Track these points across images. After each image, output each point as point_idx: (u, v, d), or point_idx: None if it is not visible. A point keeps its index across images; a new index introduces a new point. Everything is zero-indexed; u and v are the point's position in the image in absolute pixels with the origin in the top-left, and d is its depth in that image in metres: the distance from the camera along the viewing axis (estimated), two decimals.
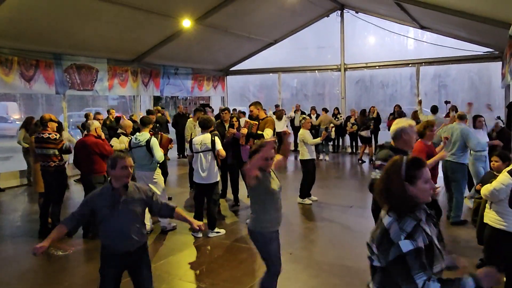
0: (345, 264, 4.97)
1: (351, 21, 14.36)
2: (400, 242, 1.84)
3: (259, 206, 3.55)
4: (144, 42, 11.96)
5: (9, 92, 10.98)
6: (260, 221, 3.54)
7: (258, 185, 3.44)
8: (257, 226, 3.55)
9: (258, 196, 3.55)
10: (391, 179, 2.00)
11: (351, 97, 15.11)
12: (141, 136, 6.15)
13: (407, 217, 1.91)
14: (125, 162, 3.15)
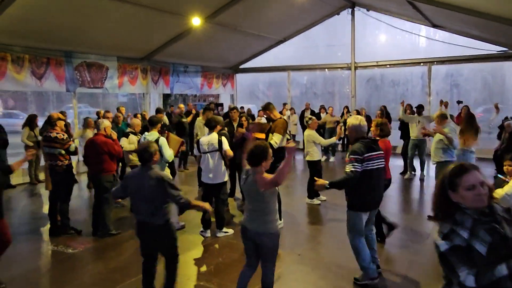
0: (353, 266, 4.93)
1: (362, 19, 14.26)
2: (438, 242, 2.05)
3: (272, 209, 3.60)
4: (154, 40, 12.01)
5: (21, 90, 11.08)
6: (274, 221, 3.61)
7: (274, 190, 3.55)
8: (272, 227, 3.58)
9: (274, 199, 3.60)
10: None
11: (362, 95, 15.03)
12: (150, 135, 6.17)
13: (446, 221, 2.10)
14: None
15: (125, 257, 5.32)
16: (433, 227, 6.25)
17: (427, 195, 8.53)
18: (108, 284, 4.48)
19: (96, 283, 4.56)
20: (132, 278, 4.64)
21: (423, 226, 6.60)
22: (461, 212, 2.08)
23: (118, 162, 7.56)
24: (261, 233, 3.56)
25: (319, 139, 7.33)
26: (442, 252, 2.02)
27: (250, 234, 3.63)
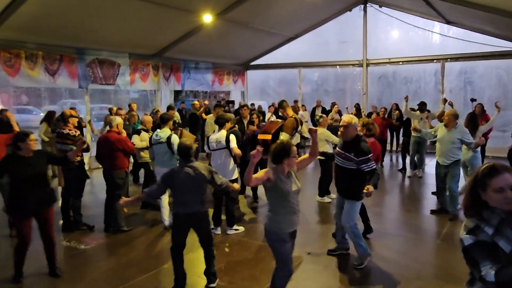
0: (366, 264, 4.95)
1: (374, 15, 14.11)
2: (462, 237, 2.07)
3: (273, 207, 3.62)
4: (165, 37, 12.04)
5: (34, 86, 11.21)
6: (274, 221, 3.60)
7: (272, 186, 3.52)
8: (271, 226, 3.61)
9: (272, 197, 3.61)
10: (468, 183, 2.20)
11: (373, 93, 14.90)
12: (162, 132, 6.20)
13: (473, 217, 2.10)
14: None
15: (136, 253, 5.36)
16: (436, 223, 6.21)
17: (426, 192, 8.55)
18: (120, 281, 4.51)
19: (108, 280, 4.59)
20: (144, 274, 4.68)
21: (422, 222, 6.65)
22: (490, 210, 2.08)
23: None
24: (266, 229, 3.69)
25: (332, 137, 7.25)
26: (466, 247, 2.04)
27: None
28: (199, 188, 4.13)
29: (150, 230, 6.22)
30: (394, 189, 9.14)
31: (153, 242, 5.77)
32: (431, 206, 7.36)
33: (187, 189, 4.09)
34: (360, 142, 4.55)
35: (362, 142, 4.57)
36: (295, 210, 3.63)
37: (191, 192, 4.10)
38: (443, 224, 6.35)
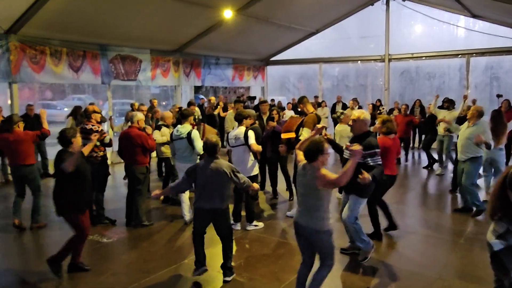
0: (383, 261, 4.89)
1: (397, 9, 13.86)
2: (491, 242, 2.05)
3: (326, 205, 3.58)
4: (186, 33, 12.10)
5: (59, 82, 11.43)
6: (327, 219, 3.59)
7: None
8: (326, 225, 3.57)
9: (324, 196, 3.54)
10: (497, 184, 2.17)
11: (395, 88, 14.66)
12: (182, 128, 6.24)
13: (503, 220, 2.07)
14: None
15: (157, 248, 5.42)
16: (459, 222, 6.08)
17: (446, 190, 8.34)
18: (142, 275, 4.58)
19: (130, 273, 4.67)
20: (164, 268, 4.74)
21: (445, 221, 6.54)
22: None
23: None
24: (316, 230, 3.56)
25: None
26: (496, 252, 2.00)
27: (301, 229, 3.65)
28: (221, 184, 4.22)
29: (170, 225, 6.29)
30: (416, 186, 8.99)
31: (174, 237, 5.83)
32: (454, 204, 7.21)
33: (210, 185, 4.21)
34: (368, 136, 4.62)
35: (370, 136, 4.63)
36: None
37: (213, 188, 4.21)
38: (466, 223, 6.22)
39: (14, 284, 4.53)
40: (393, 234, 5.70)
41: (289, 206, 7.17)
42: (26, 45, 9.09)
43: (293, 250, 5.35)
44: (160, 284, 4.41)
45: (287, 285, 4.36)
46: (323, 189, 3.48)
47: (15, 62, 8.92)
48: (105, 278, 4.52)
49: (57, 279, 4.42)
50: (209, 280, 4.51)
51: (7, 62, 8.79)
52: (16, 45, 8.91)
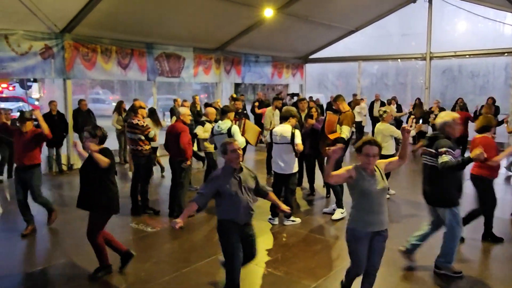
0: (421, 264, 4.73)
1: (440, 6, 13.31)
2: None
3: (355, 204, 3.51)
4: (227, 31, 12.19)
5: (108, 79, 11.85)
6: (353, 218, 3.50)
7: (353, 184, 3.43)
8: (350, 222, 3.52)
9: (354, 194, 3.49)
10: None
11: (436, 87, 14.12)
12: (223, 124, 6.31)
13: None
14: (233, 146, 3.63)
15: (198, 239, 5.53)
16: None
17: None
18: (183, 264, 4.68)
19: (172, 262, 4.78)
20: (204, 259, 4.81)
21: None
22: None
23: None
24: (347, 226, 3.61)
25: (397, 132, 6.93)
26: None
27: None
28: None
29: (211, 218, 6.36)
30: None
31: (214, 230, 5.84)
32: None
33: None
34: (443, 137, 4.19)
35: (446, 139, 4.15)
36: (378, 209, 3.40)
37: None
38: None
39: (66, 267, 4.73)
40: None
41: (326, 203, 7.09)
42: (79, 44, 9.47)
43: (330, 246, 5.31)
44: (200, 273, 4.49)
45: (324, 281, 4.32)
46: (349, 186, 3.50)
47: (69, 60, 9.31)
48: (149, 266, 4.65)
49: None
50: (248, 273, 4.54)
51: (62, 59, 9.19)
52: (70, 44, 9.29)
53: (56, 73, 9.18)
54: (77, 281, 4.34)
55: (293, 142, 5.74)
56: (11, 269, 4.63)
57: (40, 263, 4.86)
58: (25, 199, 5.67)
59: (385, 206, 3.48)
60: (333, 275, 4.46)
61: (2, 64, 8.25)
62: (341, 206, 6.26)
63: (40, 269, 4.69)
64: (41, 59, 8.86)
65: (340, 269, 4.63)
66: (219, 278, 4.41)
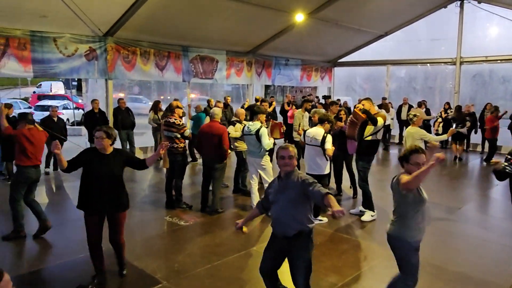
0: (449, 268, 4.58)
1: (471, 11, 12.86)
2: None
3: (406, 213, 3.21)
4: (259, 35, 12.22)
5: (146, 79, 12.13)
6: (407, 228, 3.20)
7: (416, 193, 3.16)
8: (403, 234, 3.21)
9: (407, 202, 3.18)
10: None
11: (466, 92, 13.64)
12: (252, 125, 6.32)
13: None
14: (281, 152, 3.24)
15: (228, 233, 5.56)
16: None
17: None
18: (215, 257, 4.72)
19: (204, 255, 4.83)
20: (234, 253, 4.84)
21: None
22: None
23: None
24: (394, 236, 3.25)
25: (428, 136, 6.68)
26: None
27: (388, 237, 3.33)
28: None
29: (241, 214, 6.39)
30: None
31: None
32: None
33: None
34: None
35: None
36: (425, 217, 3.26)
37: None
38: None
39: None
40: None
41: (353, 204, 6.99)
42: (120, 46, 9.73)
43: (357, 246, 5.23)
44: (230, 267, 4.52)
45: (350, 280, 4.25)
46: (409, 194, 3.12)
47: (111, 61, 9.58)
48: (182, 258, 4.72)
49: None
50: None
51: (104, 61, 9.47)
52: (112, 46, 9.56)
53: (99, 73, 9.47)
54: (115, 270, 4.45)
55: (323, 145, 5.68)
56: (54, 256, 4.79)
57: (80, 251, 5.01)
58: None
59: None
60: (360, 275, 4.40)
61: (51, 65, 8.58)
62: (373, 209, 6.16)
63: (80, 257, 4.85)
64: (86, 61, 9.15)
65: (368, 269, 4.57)
66: (249, 272, 4.43)
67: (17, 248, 5.05)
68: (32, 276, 4.29)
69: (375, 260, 4.81)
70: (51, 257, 4.88)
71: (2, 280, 2.00)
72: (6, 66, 7.94)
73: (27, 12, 7.69)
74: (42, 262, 4.73)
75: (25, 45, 8.15)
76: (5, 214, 6.38)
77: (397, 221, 3.26)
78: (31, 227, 5.42)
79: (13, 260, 4.83)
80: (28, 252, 5.04)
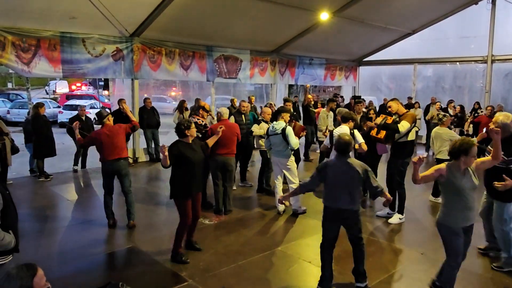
0: (474, 271, 4.43)
1: (503, 8, 12.39)
2: None
3: (447, 202, 3.61)
4: (283, 35, 12.14)
5: (171, 79, 12.25)
6: (448, 215, 3.58)
7: (445, 182, 3.53)
8: (445, 220, 3.59)
9: (447, 192, 3.60)
10: None
11: (497, 91, 13.16)
12: (277, 124, 6.27)
13: None
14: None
15: (252, 233, 5.54)
16: None
17: None
18: (239, 257, 4.72)
19: (229, 254, 4.82)
20: (259, 253, 4.82)
21: None
22: None
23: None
24: (437, 221, 3.72)
25: (457, 137, 6.54)
26: None
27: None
28: (351, 184, 3.79)
29: (264, 214, 6.38)
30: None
31: (268, 225, 5.91)
32: None
33: (340, 184, 3.81)
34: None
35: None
36: (470, 206, 3.52)
37: (342, 188, 3.80)
38: None
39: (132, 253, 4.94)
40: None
41: (380, 205, 6.84)
42: (146, 47, 9.86)
43: (383, 249, 5.12)
44: (255, 267, 4.50)
45: (377, 283, 4.16)
46: (442, 183, 3.59)
47: (137, 61, 9.72)
48: (207, 256, 4.73)
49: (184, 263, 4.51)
50: (300, 270, 4.48)
51: (131, 61, 9.62)
52: (138, 47, 9.70)
53: (125, 73, 9.63)
54: (142, 267, 4.51)
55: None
56: (82, 252, 4.90)
57: (108, 248, 5.10)
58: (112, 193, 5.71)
59: (476, 202, 3.60)
60: (387, 278, 4.30)
61: (79, 65, 8.79)
62: (402, 212, 6.02)
63: (108, 253, 4.94)
64: (113, 61, 9.32)
65: (395, 272, 4.47)
66: (274, 273, 4.40)
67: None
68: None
69: (403, 263, 4.70)
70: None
71: (36, 275, 2.04)
72: (37, 67, 8.17)
73: (57, 13, 7.88)
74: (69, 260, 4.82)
75: (55, 46, 8.36)
76: (37, 209, 6.59)
77: (443, 209, 3.64)
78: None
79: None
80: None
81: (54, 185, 8.02)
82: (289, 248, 5.03)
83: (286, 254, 4.87)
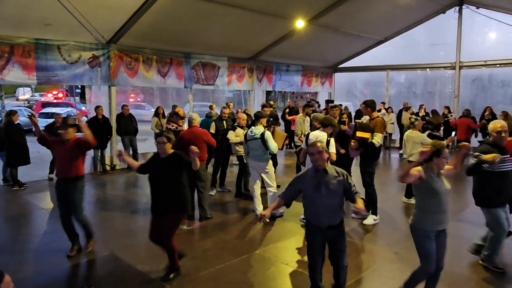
0: (451, 269, 4.53)
1: (469, 17, 12.91)
2: None
3: (421, 204, 3.56)
4: (260, 42, 12.27)
5: (148, 86, 12.15)
6: (420, 217, 3.54)
7: (422, 185, 3.47)
8: (417, 222, 3.55)
9: (422, 194, 3.54)
10: None
11: (465, 96, 13.64)
12: (256, 129, 6.31)
13: None
14: (314, 148, 3.45)
15: (230, 238, 5.53)
16: None
17: None
18: (217, 261, 4.70)
19: (207, 259, 4.80)
20: (237, 257, 4.82)
21: None
22: None
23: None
24: (410, 224, 3.66)
25: (428, 140, 6.74)
26: None
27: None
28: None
29: (243, 218, 6.38)
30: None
31: (246, 229, 5.92)
32: None
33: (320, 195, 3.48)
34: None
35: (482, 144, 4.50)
36: (444, 208, 3.49)
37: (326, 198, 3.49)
38: None
39: (109, 260, 4.85)
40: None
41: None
42: (123, 53, 9.77)
43: (358, 249, 5.20)
44: (233, 270, 4.49)
45: (353, 283, 4.22)
46: (416, 186, 3.56)
47: (113, 68, 9.61)
48: (185, 262, 4.68)
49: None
50: (277, 272, 4.50)
51: (107, 68, 9.51)
52: (115, 53, 9.60)
53: (102, 80, 9.50)
54: (119, 274, 4.44)
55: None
56: (58, 261, 4.78)
57: (85, 256, 4.99)
58: (69, 215, 4.89)
59: (449, 206, 3.55)
60: (362, 278, 4.37)
61: (54, 72, 8.62)
62: (376, 213, 6.14)
63: (84, 261, 4.84)
64: (89, 68, 9.19)
65: (370, 272, 4.54)
66: (252, 276, 4.41)
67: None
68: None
69: (377, 263, 4.79)
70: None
71: (3, 282, 2.00)
72: (10, 74, 7.97)
73: (31, 20, 7.73)
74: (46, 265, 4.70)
75: (29, 53, 8.19)
76: (11, 218, 6.40)
77: (415, 211, 3.61)
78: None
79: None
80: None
81: (29, 193, 7.81)
82: (266, 251, 5.05)
83: (264, 257, 4.89)
